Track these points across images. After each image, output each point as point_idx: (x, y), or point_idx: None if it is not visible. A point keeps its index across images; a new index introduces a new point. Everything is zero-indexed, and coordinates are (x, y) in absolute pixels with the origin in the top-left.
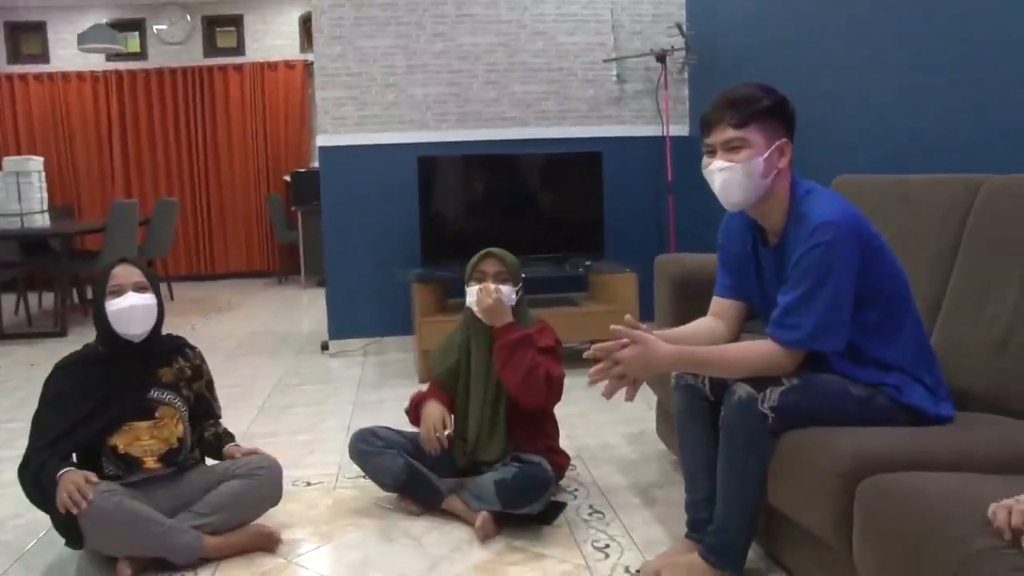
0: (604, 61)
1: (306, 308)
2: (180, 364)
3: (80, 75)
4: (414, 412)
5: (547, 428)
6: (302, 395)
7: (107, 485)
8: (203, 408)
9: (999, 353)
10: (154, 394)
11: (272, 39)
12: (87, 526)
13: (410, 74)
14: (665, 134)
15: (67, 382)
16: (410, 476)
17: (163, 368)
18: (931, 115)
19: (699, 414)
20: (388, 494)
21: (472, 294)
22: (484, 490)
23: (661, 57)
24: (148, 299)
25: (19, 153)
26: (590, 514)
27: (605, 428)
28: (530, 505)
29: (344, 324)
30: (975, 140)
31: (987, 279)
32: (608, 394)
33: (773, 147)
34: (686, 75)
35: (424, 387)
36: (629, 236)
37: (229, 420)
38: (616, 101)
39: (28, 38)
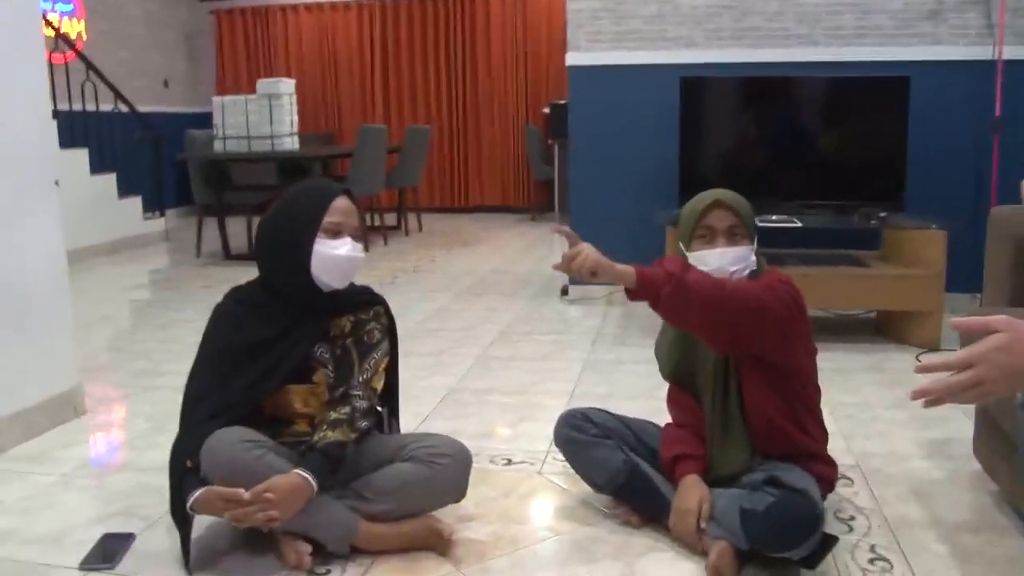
0: None
1: (554, 248)
2: (350, 319)
3: (347, 5)
4: (667, 464)
5: (807, 426)
6: (529, 346)
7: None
8: (343, 370)
9: None
10: (317, 352)
11: None
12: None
13: None
14: (996, 57)
15: (236, 329)
16: (629, 478)
17: (336, 319)
18: None
19: None
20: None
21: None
22: (726, 514)
23: None
24: (361, 253)
25: None
26: (872, 560)
27: (895, 429)
28: (789, 551)
29: None
30: None
31: None
32: (936, 403)
33: None
34: None
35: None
36: (938, 184)
37: (446, 366)
38: (931, 15)
39: None
